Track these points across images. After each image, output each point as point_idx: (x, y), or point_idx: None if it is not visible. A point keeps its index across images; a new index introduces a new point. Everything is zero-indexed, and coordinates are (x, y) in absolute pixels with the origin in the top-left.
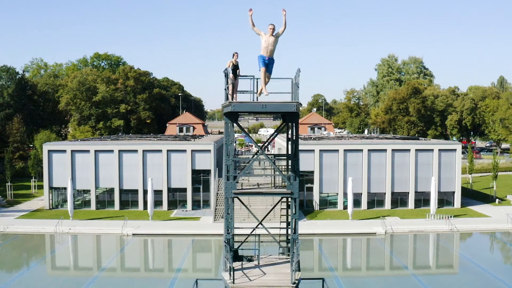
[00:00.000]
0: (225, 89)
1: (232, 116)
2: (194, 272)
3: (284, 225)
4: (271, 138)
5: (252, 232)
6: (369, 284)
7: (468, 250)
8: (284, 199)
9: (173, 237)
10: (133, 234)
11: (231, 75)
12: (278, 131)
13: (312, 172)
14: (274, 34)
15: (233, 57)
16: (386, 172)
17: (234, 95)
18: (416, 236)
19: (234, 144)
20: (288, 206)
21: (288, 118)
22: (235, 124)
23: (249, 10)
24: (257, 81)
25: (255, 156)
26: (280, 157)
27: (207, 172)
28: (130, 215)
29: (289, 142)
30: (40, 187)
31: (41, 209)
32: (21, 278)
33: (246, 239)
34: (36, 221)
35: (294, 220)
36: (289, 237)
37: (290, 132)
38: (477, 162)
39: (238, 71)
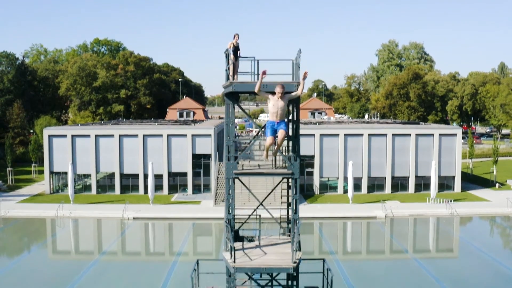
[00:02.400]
0: (226, 70)
1: (233, 96)
2: (195, 256)
3: (285, 206)
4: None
5: (253, 213)
6: (370, 267)
7: (468, 234)
8: (285, 181)
9: (173, 220)
10: (133, 218)
11: (231, 56)
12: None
13: (313, 156)
14: (283, 96)
15: (234, 38)
16: (387, 156)
17: (235, 76)
18: (416, 220)
19: (235, 129)
20: (288, 187)
21: (290, 101)
22: (236, 107)
23: (263, 73)
24: (257, 63)
25: (256, 136)
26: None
27: (208, 156)
28: (130, 199)
29: (290, 123)
30: (41, 172)
31: (42, 193)
32: (22, 261)
33: (247, 220)
34: (37, 205)
35: (294, 200)
36: (289, 218)
37: (290, 113)
38: (477, 147)
39: (238, 52)
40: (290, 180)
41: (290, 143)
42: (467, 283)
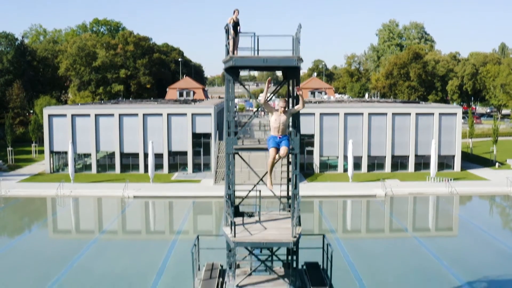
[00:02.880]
0: (226, 45)
1: (233, 71)
2: (195, 234)
3: (285, 182)
4: (272, 93)
5: (253, 188)
6: (370, 245)
7: (468, 213)
8: (285, 158)
9: (174, 199)
10: (134, 196)
11: (231, 31)
12: (279, 86)
13: (313, 135)
14: (286, 111)
15: (233, 14)
16: (387, 135)
17: (235, 52)
18: (416, 198)
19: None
20: (288, 163)
21: (289, 74)
22: (236, 85)
23: (268, 81)
24: (257, 39)
25: (256, 112)
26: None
27: (208, 135)
28: (131, 178)
29: (290, 99)
30: (41, 152)
31: (42, 173)
32: (22, 240)
33: (247, 195)
34: (37, 185)
35: (295, 175)
36: (289, 194)
37: (291, 89)
38: (477, 127)
39: (238, 27)
40: (290, 155)
41: (290, 119)
42: (467, 261)
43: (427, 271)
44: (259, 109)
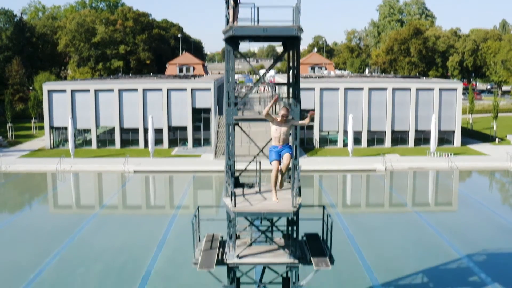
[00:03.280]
0: (226, 16)
1: (233, 42)
2: (195, 208)
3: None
4: (272, 64)
5: (253, 159)
6: (369, 219)
7: (468, 187)
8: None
9: (174, 173)
10: (134, 171)
11: (231, 1)
12: (279, 58)
13: (313, 110)
14: (287, 120)
15: None
16: (387, 110)
17: (235, 22)
18: (415, 173)
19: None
20: (289, 134)
21: (289, 44)
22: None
23: (275, 99)
24: (257, 10)
25: (256, 83)
26: (281, 84)
27: (208, 110)
28: (131, 153)
29: (290, 70)
30: (41, 128)
31: (42, 148)
32: (23, 215)
33: (247, 166)
34: (38, 160)
35: (295, 146)
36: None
37: (291, 60)
38: (477, 103)
39: None
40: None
41: (290, 89)
42: (467, 235)
43: (427, 244)
44: (259, 81)
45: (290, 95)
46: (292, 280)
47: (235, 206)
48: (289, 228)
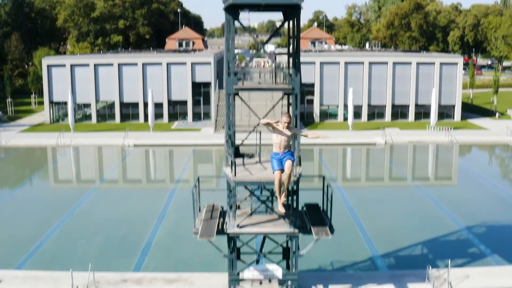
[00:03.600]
0: None
1: (233, 10)
2: (195, 182)
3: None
4: (273, 34)
5: (253, 130)
6: (369, 192)
7: (468, 161)
8: (285, 101)
9: (174, 147)
10: (134, 145)
11: None
12: (280, 27)
13: (313, 84)
14: (289, 127)
15: None
16: (387, 84)
17: None
18: (415, 146)
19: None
20: (289, 105)
21: (290, 14)
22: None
23: (276, 122)
24: None
25: (256, 53)
26: (281, 54)
27: (208, 84)
28: (131, 127)
29: (290, 40)
30: (41, 103)
31: (42, 123)
32: (23, 189)
33: (247, 136)
34: (38, 134)
35: (295, 115)
36: None
37: (291, 30)
38: (478, 79)
39: None
40: (290, 97)
41: (291, 59)
42: (467, 208)
43: (426, 217)
44: (259, 52)
45: (291, 65)
46: (292, 250)
47: (235, 175)
48: (289, 198)
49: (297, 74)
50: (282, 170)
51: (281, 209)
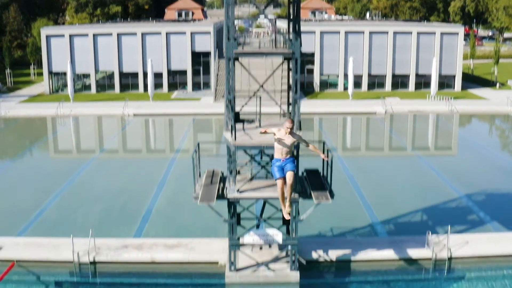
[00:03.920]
0: None
1: None
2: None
3: (285, 94)
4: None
5: (254, 95)
6: (370, 161)
7: (468, 130)
8: (285, 67)
9: (173, 116)
10: (134, 114)
11: None
12: None
13: (313, 54)
14: (292, 132)
15: None
16: (387, 54)
17: None
18: (416, 116)
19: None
20: (289, 70)
21: None
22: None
23: (264, 131)
24: None
25: (256, 18)
26: (281, 18)
27: (207, 54)
28: (130, 97)
29: (290, 6)
30: (40, 74)
31: (41, 94)
32: (23, 159)
33: (247, 102)
34: (37, 105)
35: (295, 81)
36: (290, 99)
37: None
38: (478, 49)
39: None
40: (290, 61)
41: (291, 24)
42: (467, 176)
43: (426, 185)
44: (260, 14)
45: (291, 30)
46: (292, 215)
47: (235, 139)
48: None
49: (297, 39)
50: (283, 179)
51: (286, 216)
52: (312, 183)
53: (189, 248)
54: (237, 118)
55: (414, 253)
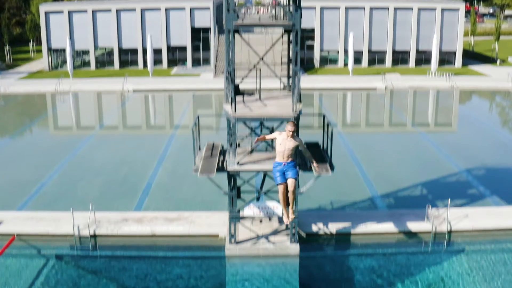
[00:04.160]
0: None
1: None
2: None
3: (285, 67)
4: None
5: (253, 67)
6: (370, 137)
7: (468, 106)
8: (285, 39)
9: (173, 92)
10: (133, 90)
11: None
12: None
13: (313, 29)
14: (294, 136)
15: None
16: (388, 30)
17: None
18: (416, 92)
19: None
20: (289, 43)
21: None
22: None
23: (255, 140)
24: None
25: None
26: None
27: (207, 30)
28: (130, 73)
29: None
30: (39, 51)
31: (41, 71)
32: (22, 135)
33: (247, 74)
34: (36, 81)
35: (296, 52)
36: (290, 72)
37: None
38: (479, 26)
39: None
40: (290, 33)
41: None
42: (467, 151)
43: (426, 160)
44: None
45: (291, 2)
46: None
47: (235, 111)
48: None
49: (298, 10)
50: (285, 184)
51: (286, 221)
52: (312, 155)
53: (189, 221)
54: (237, 91)
55: (413, 226)
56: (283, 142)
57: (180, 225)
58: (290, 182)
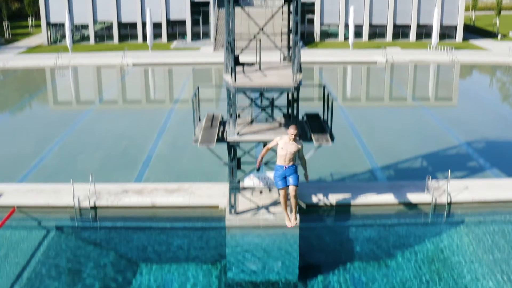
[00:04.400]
0: None
1: None
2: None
3: (285, 37)
4: None
5: (253, 38)
6: (371, 111)
7: (469, 80)
8: (285, 10)
9: (173, 66)
10: (133, 64)
11: None
12: None
13: (313, 3)
14: (296, 139)
15: None
16: (388, 3)
17: None
18: (416, 65)
19: None
20: (289, 13)
21: None
22: None
23: (259, 159)
24: None
25: None
26: None
27: (206, 3)
28: (129, 47)
29: None
30: (38, 26)
31: (40, 45)
32: (22, 109)
33: (247, 45)
34: (36, 56)
35: (296, 23)
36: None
37: None
38: (480, 1)
39: None
40: (291, 5)
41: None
42: (467, 125)
43: (426, 133)
44: None
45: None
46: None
47: (235, 81)
48: (290, 109)
49: None
50: (286, 189)
51: (288, 224)
52: (312, 126)
53: (189, 192)
54: (237, 61)
55: (413, 197)
56: (285, 146)
57: (180, 196)
58: (292, 189)
